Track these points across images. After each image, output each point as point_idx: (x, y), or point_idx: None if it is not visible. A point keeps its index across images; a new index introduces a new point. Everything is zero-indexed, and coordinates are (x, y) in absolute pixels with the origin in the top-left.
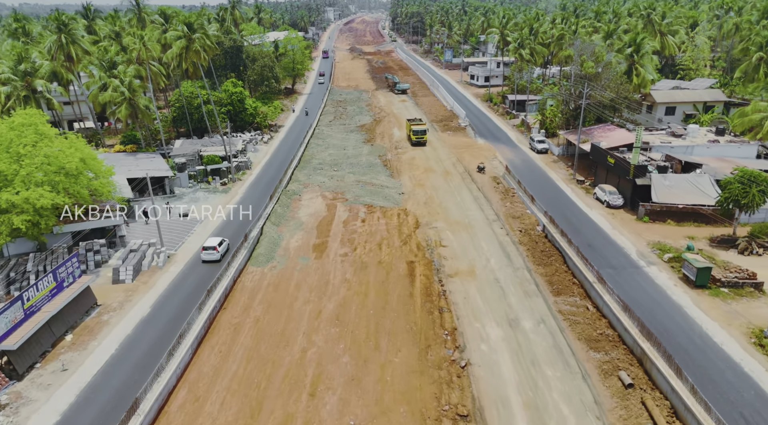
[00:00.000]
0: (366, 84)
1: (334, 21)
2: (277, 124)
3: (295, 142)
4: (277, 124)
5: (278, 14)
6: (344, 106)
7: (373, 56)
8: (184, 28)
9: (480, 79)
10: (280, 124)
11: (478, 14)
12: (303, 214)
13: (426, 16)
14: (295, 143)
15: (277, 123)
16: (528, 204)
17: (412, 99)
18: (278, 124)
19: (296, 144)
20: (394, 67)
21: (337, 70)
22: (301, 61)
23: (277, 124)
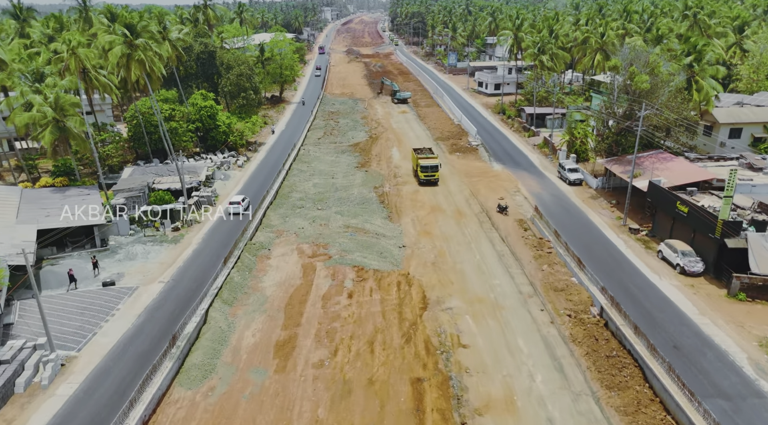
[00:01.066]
0: (362, 91)
1: (332, 21)
2: (258, 141)
3: (275, 167)
4: (258, 141)
5: (270, 14)
6: (336, 118)
7: (370, 59)
8: (123, 32)
9: (489, 87)
10: (261, 142)
11: (484, 14)
12: (269, 283)
13: (427, 16)
14: (275, 167)
15: (258, 140)
16: (572, 267)
17: (414, 110)
18: (258, 142)
19: (276, 169)
20: (393, 71)
21: (332, 75)
22: (290, 67)
23: (258, 141)
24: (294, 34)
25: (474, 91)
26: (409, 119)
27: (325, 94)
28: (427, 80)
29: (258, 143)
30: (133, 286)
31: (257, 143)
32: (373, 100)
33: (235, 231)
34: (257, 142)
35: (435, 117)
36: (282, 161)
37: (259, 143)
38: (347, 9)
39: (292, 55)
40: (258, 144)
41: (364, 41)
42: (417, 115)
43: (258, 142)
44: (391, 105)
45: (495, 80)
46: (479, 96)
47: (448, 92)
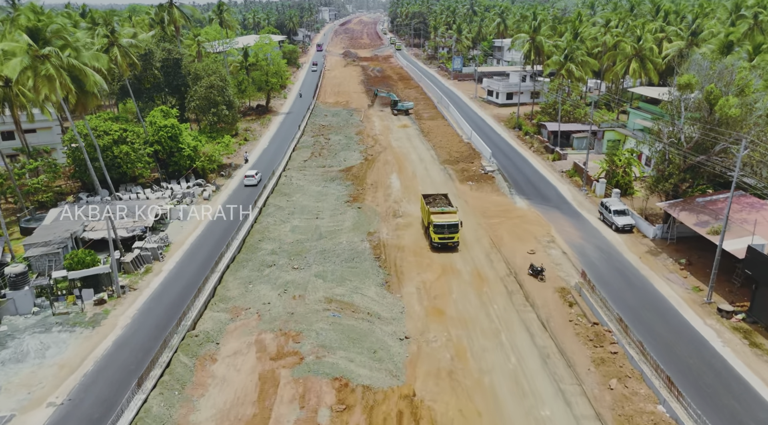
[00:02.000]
0: (358, 100)
1: (330, 21)
2: (233, 163)
3: (247, 201)
4: (233, 163)
5: (263, 14)
6: (327, 134)
7: (369, 62)
8: (24, 39)
9: (501, 96)
10: (237, 164)
11: (492, 15)
12: (206, 415)
13: (429, 16)
14: (248, 201)
15: (234, 161)
16: (656, 387)
17: (416, 123)
18: (234, 165)
19: (248, 203)
20: (392, 76)
21: (326, 81)
22: (277, 73)
23: (233, 163)
24: (287, 36)
25: (483, 101)
26: (410, 135)
27: (317, 103)
28: (430, 87)
29: (233, 166)
30: (2, 418)
31: (232, 166)
32: (371, 109)
33: (177, 306)
34: (232, 164)
35: (440, 132)
36: (255, 196)
37: (234, 166)
38: (346, 9)
39: (280, 60)
40: (233, 167)
41: (363, 43)
42: (420, 130)
43: (233, 165)
44: (390, 117)
45: (507, 89)
46: (489, 106)
47: (453, 101)
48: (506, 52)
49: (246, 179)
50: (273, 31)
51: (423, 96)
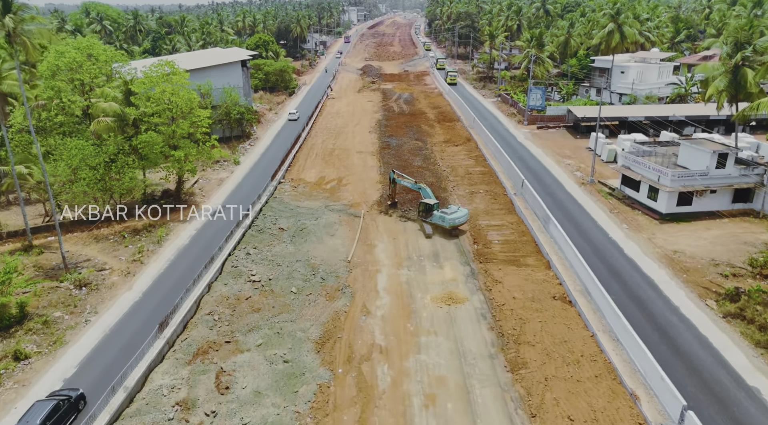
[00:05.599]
0: (362, 177)
1: (357, 23)
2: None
3: None
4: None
5: (260, 16)
6: (267, 294)
7: (395, 84)
8: None
9: (664, 199)
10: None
11: (595, 16)
12: None
13: (480, 18)
14: None
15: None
16: None
17: (478, 279)
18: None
19: None
20: (426, 111)
21: (321, 124)
22: (197, 134)
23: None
24: (284, 44)
25: (608, 193)
26: (469, 335)
27: (284, 185)
28: (489, 141)
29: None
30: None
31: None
32: (381, 216)
33: None
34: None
35: (553, 319)
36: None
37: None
38: (378, 9)
39: (197, 108)
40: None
41: (392, 51)
42: (491, 310)
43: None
44: (418, 243)
45: (684, 182)
46: (631, 216)
47: (548, 190)
48: (619, 75)
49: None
50: (266, 38)
51: (481, 166)
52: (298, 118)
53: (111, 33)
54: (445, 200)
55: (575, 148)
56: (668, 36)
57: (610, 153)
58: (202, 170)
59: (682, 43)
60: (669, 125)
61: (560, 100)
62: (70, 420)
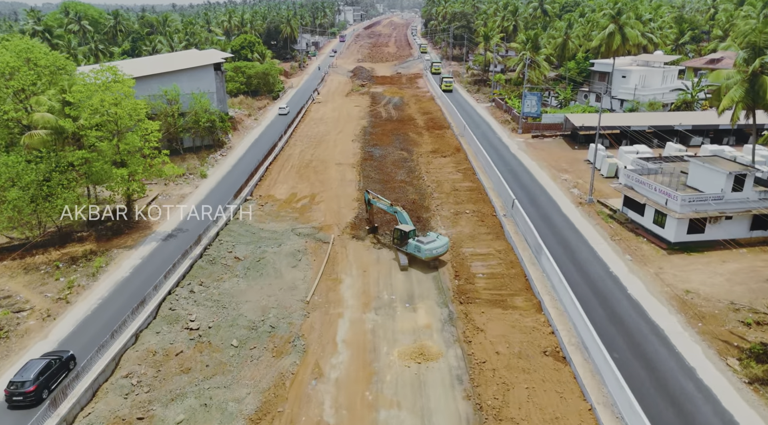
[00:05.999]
0: (338, 193)
1: (354, 23)
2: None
3: None
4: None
5: (248, 15)
6: (203, 347)
7: (386, 87)
8: None
9: (672, 225)
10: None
11: (595, 16)
12: None
13: (476, 18)
14: None
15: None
16: None
17: (455, 327)
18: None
19: None
20: (416, 117)
21: (303, 131)
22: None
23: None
24: (274, 45)
25: (609, 215)
26: (440, 407)
27: (251, 203)
28: (480, 152)
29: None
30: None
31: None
32: (353, 241)
33: None
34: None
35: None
36: None
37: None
38: (375, 9)
39: (146, 123)
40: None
41: (387, 52)
42: (469, 366)
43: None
44: (390, 277)
45: (697, 205)
46: (635, 244)
47: (541, 210)
48: (620, 80)
49: None
50: (252, 39)
51: (469, 181)
52: (288, 113)
53: (86, 34)
54: (427, 222)
55: (573, 160)
56: (672, 37)
57: (610, 167)
58: (165, 184)
59: (687, 45)
60: (674, 135)
61: (557, 106)
62: (60, 377)
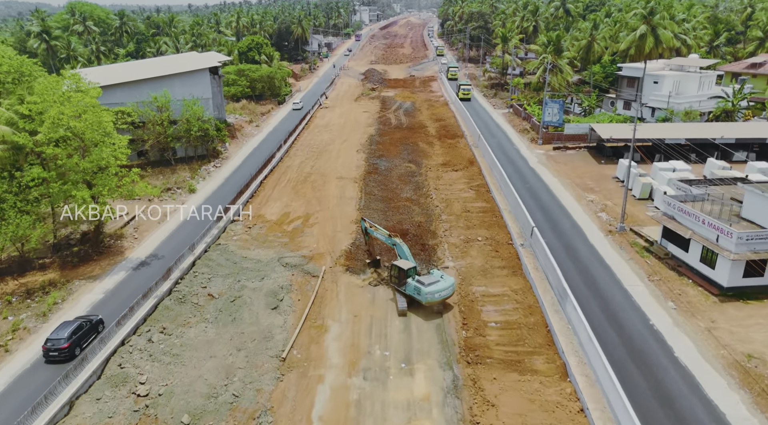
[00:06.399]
0: (337, 209)
1: (369, 23)
2: None
3: None
4: None
5: (258, 16)
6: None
7: (398, 91)
8: None
9: (725, 267)
10: None
11: (623, 16)
12: None
13: (493, 19)
14: None
15: None
16: None
17: (460, 402)
18: None
19: None
20: (427, 124)
21: (306, 139)
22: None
23: None
24: (285, 46)
25: (649, 253)
26: None
27: (234, 228)
28: (495, 166)
29: None
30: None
31: None
32: (347, 275)
33: None
34: None
35: None
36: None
37: None
38: (392, 9)
39: (114, 137)
40: None
41: (401, 54)
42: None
43: None
44: (386, 324)
45: (755, 244)
46: (689, 290)
47: (573, 252)
48: (651, 86)
49: None
50: (260, 40)
51: (483, 201)
52: (302, 108)
53: (90, 35)
54: (433, 251)
55: (599, 177)
56: (706, 39)
57: (644, 188)
58: (148, 200)
59: (722, 47)
60: (714, 149)
61: (581, 113)
62: (90, 338)
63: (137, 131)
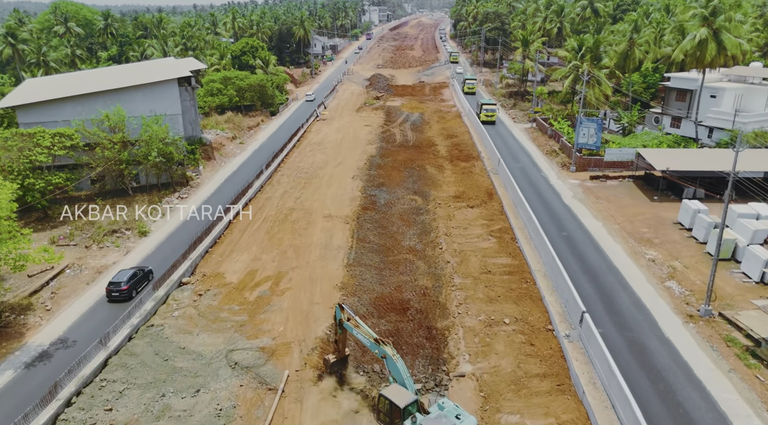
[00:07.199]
0: (319, 264)
1: (379, 24)
2: None
3: None
4: None
5: (256, 16)
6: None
7: (406, 100)
8: None
9: None
10: None
11: (682, 17)
12: None
13: (512, 20)
14: None
15: None
16: None
17: None
18: None
19: None
20: (438, 145)
21: (294, 161)
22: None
23: None
24: (287, 49)
25: (757, 357)
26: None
27: (178, 295)
28: (521, 203)
29: None
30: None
31: None
32: (318, 386)
33: None
34: None
35: None
36: None
37: None
38: (403, 9)
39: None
40: None
41: (411, 56)
42: None
43: None
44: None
45: None
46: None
47: (641, 352)
48: (708, 101)
49: None
50: (255, 43)
51: (507, 255)
52: (314, 99)
53: (72, 36)
54: (442, 341)
55: (656, 221)
56: (760, 43)
57: (726, 246)
58: (85, 247)
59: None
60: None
61: (618, 131)
62: (143, 285)
63: (82, 158)
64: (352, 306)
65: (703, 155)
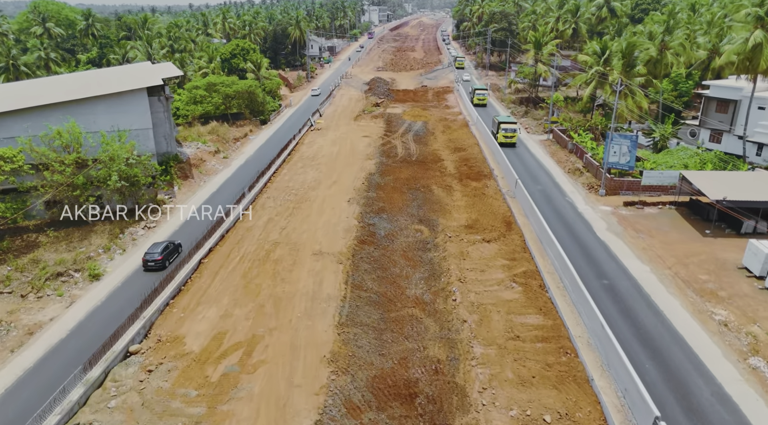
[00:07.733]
0: (303, 323)
1: (379, 24)
2: None
3: None
4: None
5: (249, 16)
6: None
7: (408, 106)
8: None
9: None
10: None
11: (738, 19)
12: None
13: (520, 20)
14: None
15: None
16: None
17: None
18: None
19: None
20: (445, 160)
21: (282, 180)
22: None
23: None
24: (282, 51)
25: None
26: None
27: (121, 372)
28: (545, 237)
29: None
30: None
31: None
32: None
33: None
34: None
35: None
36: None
37: None
38: (403, 9)
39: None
40: None
41: (412, 58)
42: None
43: None
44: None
45: None
46: None
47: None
48: (757, 113)
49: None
50: (246, 45)
51: (538, 313)
52: (320, 94)
53: (51, 37)
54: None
55: (715, 264)
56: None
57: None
58: (21, 296)
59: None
60: None
61: (649, 146)
62: (174, 256)
63: (25, 183)
64: (344, 390)
65: (765, 180)
